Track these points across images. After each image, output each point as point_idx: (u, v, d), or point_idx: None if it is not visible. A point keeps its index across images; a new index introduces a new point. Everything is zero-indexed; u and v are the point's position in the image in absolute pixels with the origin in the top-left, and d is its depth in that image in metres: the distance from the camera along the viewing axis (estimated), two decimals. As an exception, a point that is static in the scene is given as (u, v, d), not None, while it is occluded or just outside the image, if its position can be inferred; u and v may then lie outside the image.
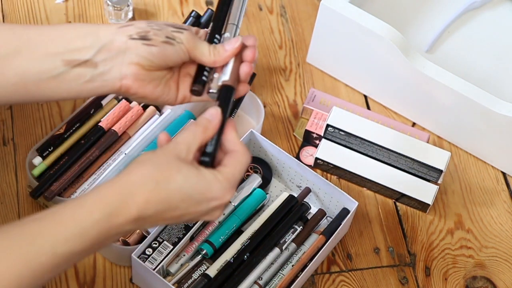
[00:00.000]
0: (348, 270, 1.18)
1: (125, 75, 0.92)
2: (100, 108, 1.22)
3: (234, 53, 0.95)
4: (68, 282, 1.12)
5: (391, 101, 1.31)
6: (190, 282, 1.09)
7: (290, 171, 1.20)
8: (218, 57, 0.95)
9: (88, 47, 0.92)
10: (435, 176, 1.20)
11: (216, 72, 0.96)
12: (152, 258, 1.08)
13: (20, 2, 1.35)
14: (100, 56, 0.92)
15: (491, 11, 1.39)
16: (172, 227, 1.10)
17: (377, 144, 1.20)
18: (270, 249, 1.12)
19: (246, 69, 0.96)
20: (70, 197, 1.15)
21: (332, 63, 1.33)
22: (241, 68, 0.96)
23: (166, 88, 0.96)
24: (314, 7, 1.39)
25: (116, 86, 0.93)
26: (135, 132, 1.21)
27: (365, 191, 1.25)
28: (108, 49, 0.92)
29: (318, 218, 1.17)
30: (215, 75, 0.96)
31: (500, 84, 1.31)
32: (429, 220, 1.23)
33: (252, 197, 1.16)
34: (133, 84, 0.93)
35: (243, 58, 0.97)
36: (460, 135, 1.28)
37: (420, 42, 1.34)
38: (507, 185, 1.28)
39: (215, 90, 0.95)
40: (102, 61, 0.92)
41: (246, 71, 0.96)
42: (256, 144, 1.21)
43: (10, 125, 1.24)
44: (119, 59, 0.92)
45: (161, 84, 0.95)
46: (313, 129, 1.25)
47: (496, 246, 1.22)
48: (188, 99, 0.98)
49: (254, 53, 0.96)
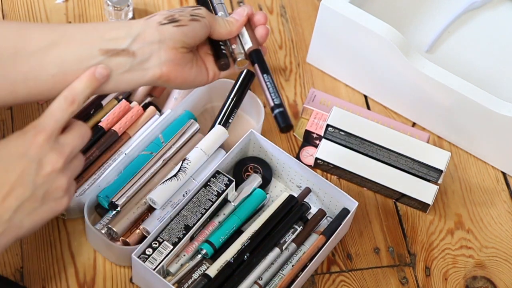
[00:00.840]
0: (348, 270, 1.18)
1: (164, 61, 0.95)
2: (100, 108, 1.22)
3: (244, 22, 1.02)
4: (68, 282, 1.12)
5: (391, 101, 1.31)
6: (190, 282, 1.09)
7: (290, 171, 1.20)
8: (232, 26, 1.01)
9: (123, 37, 0.94)
10: (435, 176, 1.20)
11: (233, 44, 1.02)
12: (152, 258, 1.08)
13: (20, 2, 1.35)
14: (136, 45, 0.94)
15: (491, 11, 1.39)
16: (172, 227, 1.10)
17: (377, 144, 1.20)
18: (270, 249, 1.12)
19: (263, 31, 1.04)
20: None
21: (332, 63, 1.33)
22: (257, 31, 1.04)
23: (198, 69, 1.00)
24: (314, 7, 1.39)
25: (157, 74, 0.95)
26: (135, 132, 1.21)
27: (365, 191, 1.25)
28: (142, 38, 0.95)
29: (318, 218, 1.17)
30: (233, 46, 1.02)
31: (500, 84, 1.31)
32: (429, 220, 1.23)
33: (252, 197, 1.16)
34: (173, 69, 0.96)
35: (256, 23, 1.03)
36: (460, 135, 1.28)
37: (420, 42, 1.34)
38: (507, 185, 1.28)
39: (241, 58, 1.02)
40: (139, 49, 0.94)
41: (263, 33, 1.04)
42: (256, 144, 1.21)
43: (10, 125, 1.24)
44: (155, 46, 0.95)
45: (194, 66, 0.99)
46: (313, 129, 1.25)
47: (496, 246, 1.22)
48: (217, 75, 1.03)
49: (264, 16, 1.03)
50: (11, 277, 1.12)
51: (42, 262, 1.14)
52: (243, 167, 1.21)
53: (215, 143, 1.18)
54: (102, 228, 1.13)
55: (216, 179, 1.14)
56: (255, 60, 1.02)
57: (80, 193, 1.16)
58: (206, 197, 1.12)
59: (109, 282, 1.13)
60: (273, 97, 0.98)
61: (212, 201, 1.12)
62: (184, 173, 1.14)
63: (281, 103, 0.99)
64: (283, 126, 0.98)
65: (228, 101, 1.21)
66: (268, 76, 1.00)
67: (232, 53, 1.03)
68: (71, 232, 1.16)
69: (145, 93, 1.25)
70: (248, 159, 1.22)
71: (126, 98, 1.23)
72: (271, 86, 0.99)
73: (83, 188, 1.16)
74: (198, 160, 1.16)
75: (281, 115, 0.98)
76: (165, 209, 1.13)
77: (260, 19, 1.04)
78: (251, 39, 1.03)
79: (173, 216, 1.11)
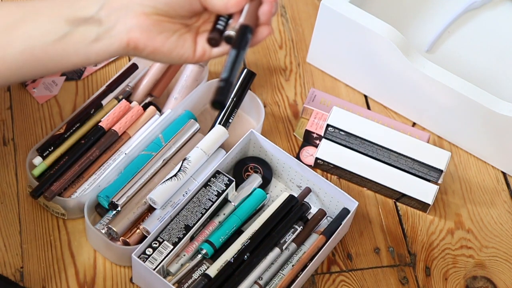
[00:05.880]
0: (348, 270, 1.18)
1: (130, 27, 0.89)
2: (100, 108, 1.22)
3: None
4: (68, 282, 1.12)
5: (391, 101, 1.31)
6: (190, 282, 1.09)
7: (290, 171, 1.20)
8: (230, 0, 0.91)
9: (90, 4, 0.90)
10: (435, 176, 1.20)
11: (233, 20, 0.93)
12: (152, 258, 1.08)
13: (20, 2, 1.35)
14: (104, 12, 0.90)
15: (491, 11, 1.39)
16: (172, 227, 1.10)
17: (377, 144, 1.20)
18: (270, 249, 1.12)
19: (267, 7, 0.92)
20: (70, 197, 1.15)
21: (332, 63, 1.33)
22: (261, 8, 0.92)
23: (180, 41, 0.92)
24: (314, 7, 1.39)
25: (124, 42, 0.90)
26: (135, 132, 1.21)
27: (365, 191, 1.25)
28: (111, 4, 0.90)
29: (318, 218, 1.17)
30: (230, 21, 0.93)
31: (500, 84, 1.31)
32: (429, 220, 1.23)
33: (252, 197, 1.16)
34: (140, 36, 0.89)
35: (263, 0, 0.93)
36: (460, 135, 1.28)
37: (420, 42, 1.34)
38: (507, 185, 1.28)
39: (231, 33, 0.91)
40: (106, 16, 0.90)
41: (266, 10, 0.92)
42: (256, 144, 1.21)
43: (10, 125, 1.24)
44: (122, 11, 0.89)
45: (173, 36, 0.91)
46: (313, 129, 1.25)
47: (496, 246, 1.22)
48: (208, 53, 0.93)
49: None
50: (11, 277, 1.12)
51: (42, 262, 1.14)
52: (243, 167, 1.21)
53: (215, 143, 1.18)
54: (102, 228, 1.13)
55: (216, 179, 1.14)
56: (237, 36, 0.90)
57: (80, 193, 1.16)
58: (206, 197, 1.13)
59: (109, 282, 1.13)
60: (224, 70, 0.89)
61: (212, 201, 1.12)
62: (184, 173, 1.14)
63: (226, 78, 0.88)
64: (213, 100, 0.87)
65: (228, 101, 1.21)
66: (234, 51, 0.90)
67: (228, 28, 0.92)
68: (71, 232, 1.16)
69: (145, 93, 1.25)
70: (248, 159, 1.22)
71: (126, 98, 1.23)
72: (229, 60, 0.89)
73: (83, 188, 1.16)
74: (198, 160, 1.16)
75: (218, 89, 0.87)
76: (165, 209, 1.13)
77: None
78: (247, 15, 0.91)
79: (173, 216, 1.11)
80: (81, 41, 0.90)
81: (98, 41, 0.90)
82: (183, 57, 0.93)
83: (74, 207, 1.15)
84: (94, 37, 0.90)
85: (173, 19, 0.91)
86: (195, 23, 0.94)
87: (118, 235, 1.12)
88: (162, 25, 0.90)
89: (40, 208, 1.17)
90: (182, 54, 0.92)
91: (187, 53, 0.92)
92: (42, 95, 1.26)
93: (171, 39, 0.91)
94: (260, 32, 0.93)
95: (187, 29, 0.92)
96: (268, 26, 0.93)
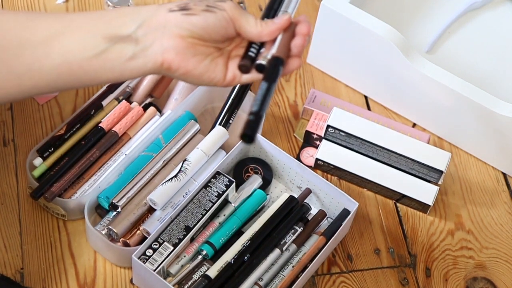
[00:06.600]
0: (349, 271, 1.18)
1: (166, 48, 0.91)
2: (101, 109, 1.22)
3: (282, 27, 0.94)
4: (68, 282, 1.12)
5: (392, 102, 1.31)
6: (191, 283, 1.09)
7: (291, 172, 1.20)
8: (265, 28, 0.93)
9: (128, 23, 0.91)
10: (436, 177, 1.20)
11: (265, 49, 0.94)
12: (152, 259, 1.08)
13: (20, 2, 1.35)
14: (141, 32, 0.91)
15: (492, 12, 1.39)
16: (172, 228, 1.10)
17: (377, 145, 1.20)
18: (270, 250, 1.12)
19: (299, 41, 0.94)
20: (71, 198, 1.15)
21: (333, 64, 1.33)
22: (293, 41, 0.94)
23: (212, 65, 0.93)
24: (314, 7, 1.39)
25: (158, 62, 0.91)
26: (136, 133, 1.21)
27: (365, 192, 1.25)
28: (148, 24, 0.91)
29: (318, 219, 1.17)
30: (262, 50, 0.94)
31: (500, 84, 1.31)
32: (430, 221, 1.23)
33: (253, 198, 1.16)
34: (175, 58, 0.91)
35: (296, 32, 0.95)
36: (461, 136, 1.28)
37: (420, 42, 1.34)
38: (508, 186, 1.28)
39: (263, 62, 0.93)
40: (143, 36, 0.91)
41: (299, 43, 0.94)
42: (256, 145, 1.21)
43: (11, 125, 1.23)
44: (159, 32, 0.91)
45: (206, 60, 0.93)
46: (314, 130, 1.25)
47: (496, 247, 1.22)
48: (238, 78, 0.95)
49: (308, 27, 0.95)
50: (11, 278, 1.12)
51: (43, 263, 1.14)
52: (243, 168, 1.21)
53: (215, 143, 1.18)
54: (102, 229, 1.13)
55: (216, 180, 1.14)
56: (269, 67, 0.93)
57: (80, 194, 1.16)
58: (206, 198, 1.13)
59: (109, 283, 1.13)
60: (254, 103, 0.91)
61: (213, 202, 1.12)
62: (185, 174, 1.14)
63: (257, 112, 0.90)
64: (243, 134, 0.89)
65: (228, 101, 1.21)
66: (265, 83, 0.92)
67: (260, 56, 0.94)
68: (71, 233, 1.16)
69: (145, 94, 1.25)
70: (249, 160, 1.22)
71: (127, 98, 1.23)
72: (260, 93, 0.92)
73: (84, 189, 1.16)
74: (199, 160, 1.16)
75: (248, 123, 0.90)
76: (165, 210, 1.13)
77: (302, 28, 0.95)
78: (279, 46, 0.93)
79: (173, 217, 1.11)
80: (117, 59, 0.91)
81: (133, 59, 0.91)
82: (214, 81, 0.94)
83: (74, 208, 1.15)
84: (130, 55, 0.91)
85: (207, 42, 0.93)
86: (227, 46, 0.95)
87: (118, 236, 1.12)
88: (196, 48, 0.92)
89: (40, 209, 1.17)
90: (213, 78, 0.94)
91: (217, 77, 0.94)
92: (43, 95, 1.26)
93: (204, 63, 0.93)
94: (291, 64, 0.95)
95: (219, 53, 0.94)
96: (299, 58, 0.95)
